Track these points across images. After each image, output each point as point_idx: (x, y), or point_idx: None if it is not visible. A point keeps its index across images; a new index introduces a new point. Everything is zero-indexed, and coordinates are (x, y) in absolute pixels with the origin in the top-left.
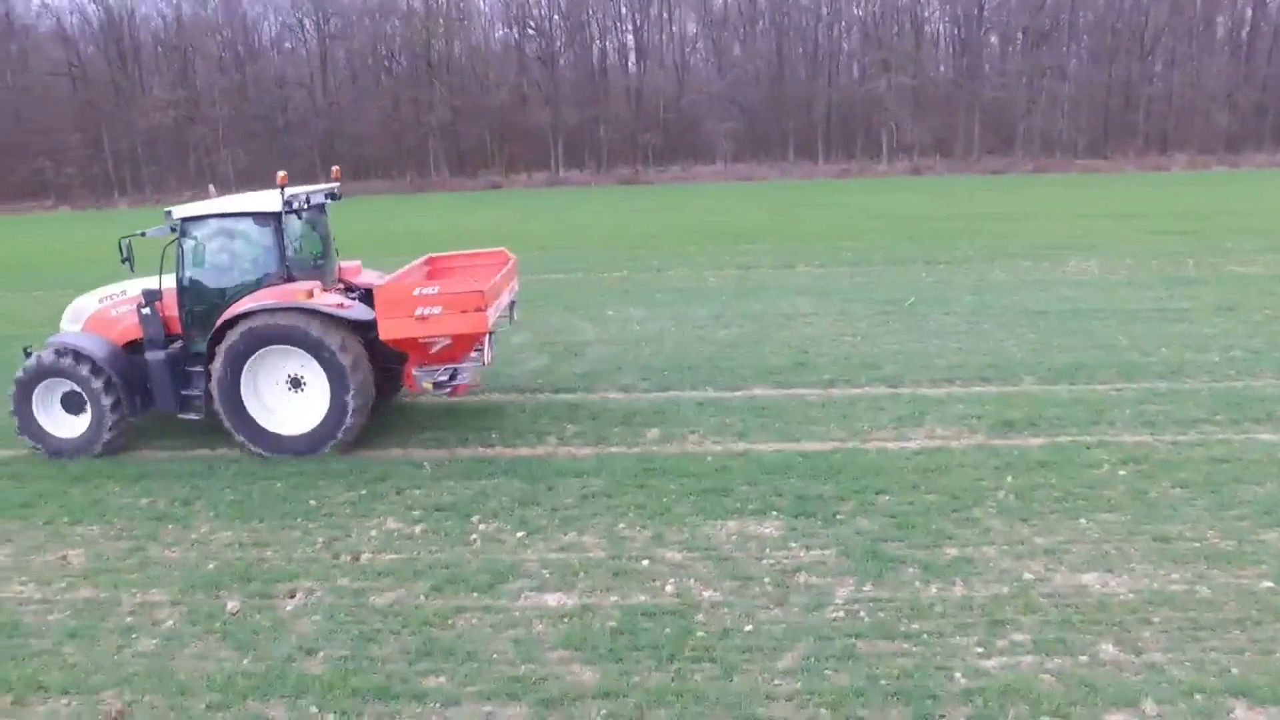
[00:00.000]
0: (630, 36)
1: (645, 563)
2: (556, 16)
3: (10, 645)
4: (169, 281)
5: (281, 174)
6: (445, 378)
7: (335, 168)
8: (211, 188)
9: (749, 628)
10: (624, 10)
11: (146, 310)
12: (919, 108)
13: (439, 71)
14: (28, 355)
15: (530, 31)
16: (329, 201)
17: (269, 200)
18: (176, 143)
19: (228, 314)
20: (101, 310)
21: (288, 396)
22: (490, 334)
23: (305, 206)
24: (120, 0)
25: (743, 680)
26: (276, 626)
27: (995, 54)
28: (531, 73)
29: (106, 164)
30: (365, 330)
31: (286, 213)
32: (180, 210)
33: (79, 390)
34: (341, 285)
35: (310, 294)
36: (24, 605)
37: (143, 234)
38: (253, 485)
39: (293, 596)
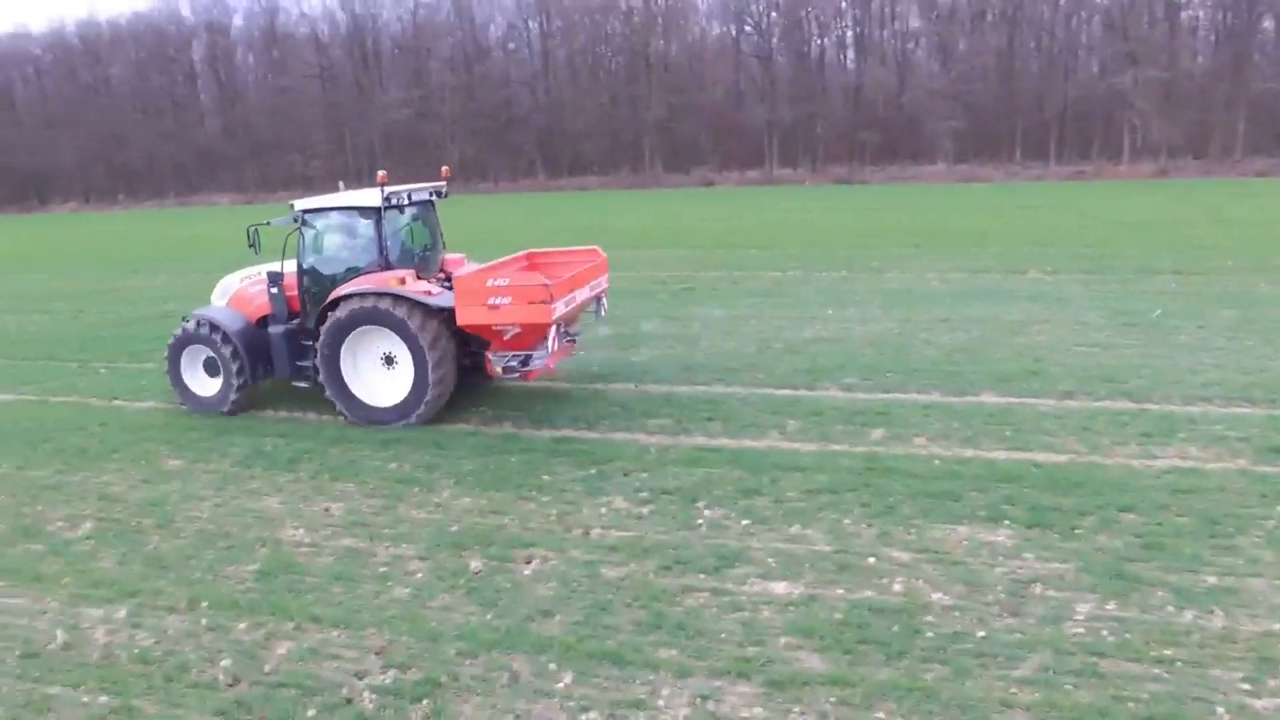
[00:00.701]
0: (849, 32)
1: (871, 560)
2: (774, 13)
3: (289, 580)
4: (290, 265)
5: (381, 173)
6: (515, 363)
7: (445, 167)
8: (341, 184)
9: (981, 634)
10: (843, 6)
11: (274, 290)
12: (1170, 103)
13: (656, 69)
14: (184, 321)
15: (747, 29)
16: (435, 198)
17: (372, 196)
18: (410, 139)
19: (332, 296)
20: (242, 289)
21: (381, 372)
22: (556, 325)
23: (406, 203)
24: (365, 7)
25: (976, 685)
26: (515, 588)
27: (1269, 41)
28: (747, 70)
29: (347, 158)
30: (453, 317)
31: (386, 208)
32: (301, 203)
33: (214, 356)
34: (443, 275)
35: (402, 281)
36: (297, 547)
37: (268, 223)
38: (488, 458)
39: (529, 563)
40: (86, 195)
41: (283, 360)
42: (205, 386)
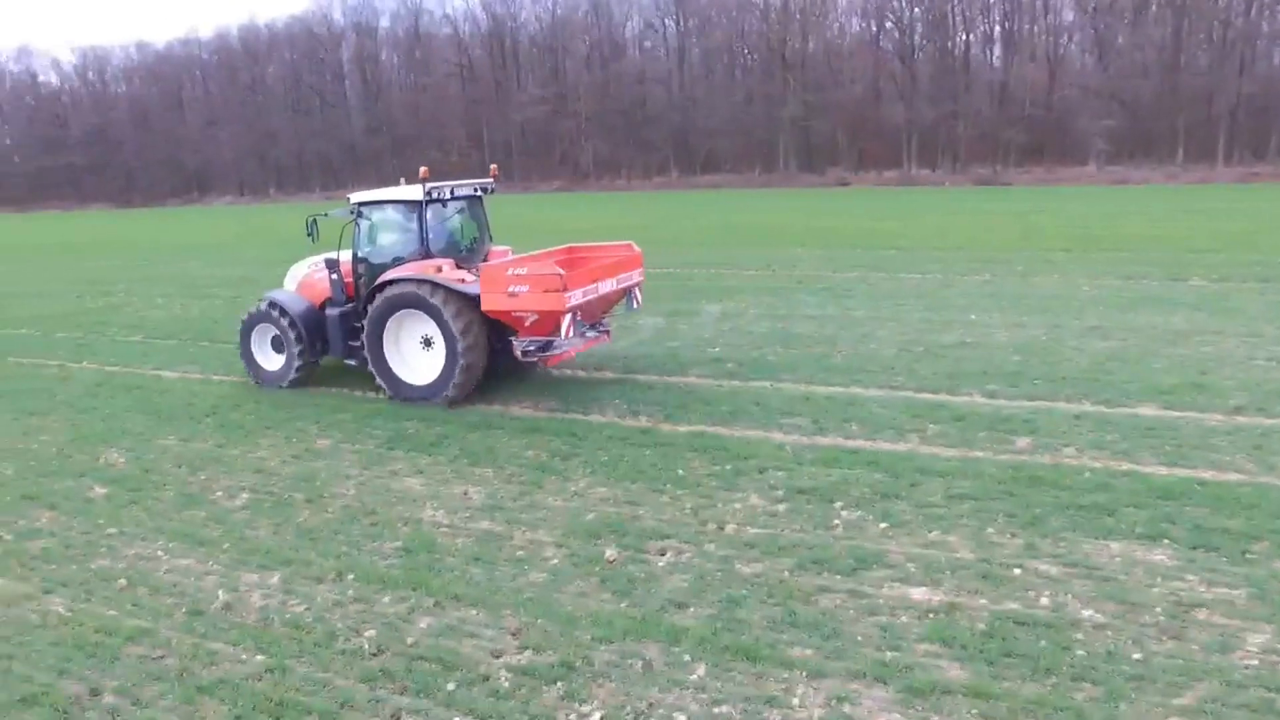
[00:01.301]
0: (996, 28)
1: (1017, 571)
2: (917, 9)
3: (430, 559)
4: (346, 254)
5: (423, 169)
6: (533, 348)
7: (493, 165)
8: (403, 180)
9: (1137, 656)
10: (991, 0)
11: (334, 276)
12: None
13: (793, 67)
14: (256, 303)
15: (888, 25)
16: (482, 194)
17: (414, 191)
18: (544, 135)
19: (377, 282)
20: (309, 275)
21: (420, 353)
22: (573, 313)
23: (448, 197)
24: (505, 7)
25: (1132, 710)
26: (649, 579)
27: None
28: (887, 67)
29: (484, 154)
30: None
31: (427, 202)
32: (356, 196)
33: (280, 335)
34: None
35: (439, 269)
36: (437, 528)
37: (326, 215)
38: (624, 450)
39: (663, 554)
40: (241, 189)
41: (337, 341)
42: (271, 361)
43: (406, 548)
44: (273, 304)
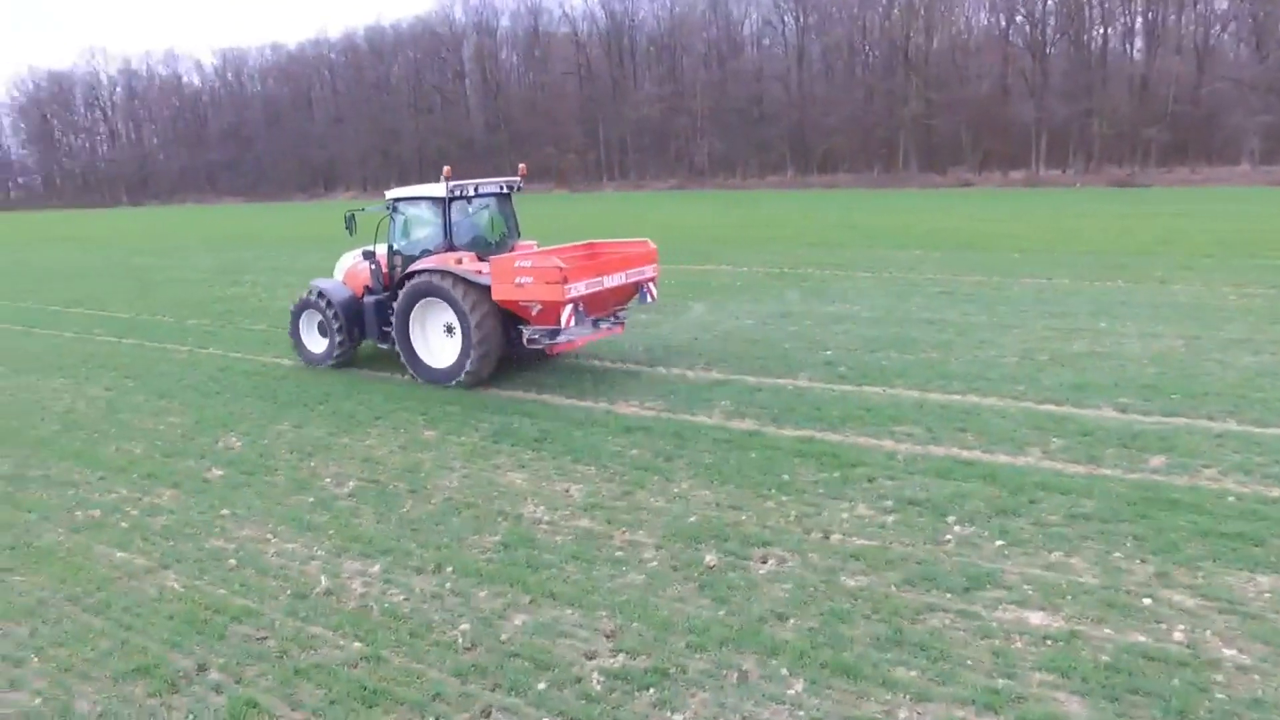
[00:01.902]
0: (1138, 18)
1: (1146, 601)
2: (1050, 1)
3: (528, 554)
4: (383, 247)
5: (446, 169)
6: (537, 336)
7: (521, 165)
8: (441, 175)
9: None
10: None
11: (372, 266)
12: None
13: (915, 63)
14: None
15: (1018, 18)
16: (510, 192)
17: (440, 188)
18: (659, 133)
19: (404, 273)
20: (354, 265)
21: (443, 339)
22: (575, 304)
23: (472, 194)
24: (624, 6)
25: None
26: (749, 587)
27: None
28: (1016, 62)
29: (600, 151)
30: None
31: (451, 199)
32: (391, 193)
33: (324, 320)
34: None
35: (459, 261)
36: (537, 524)
37: (363, 209)
38: (729, 453)
39: (765, 562)
40: (364, 184)
41: (372, 326)
42: (317, 344)
43: (506, 543)
44: (317, 292)
